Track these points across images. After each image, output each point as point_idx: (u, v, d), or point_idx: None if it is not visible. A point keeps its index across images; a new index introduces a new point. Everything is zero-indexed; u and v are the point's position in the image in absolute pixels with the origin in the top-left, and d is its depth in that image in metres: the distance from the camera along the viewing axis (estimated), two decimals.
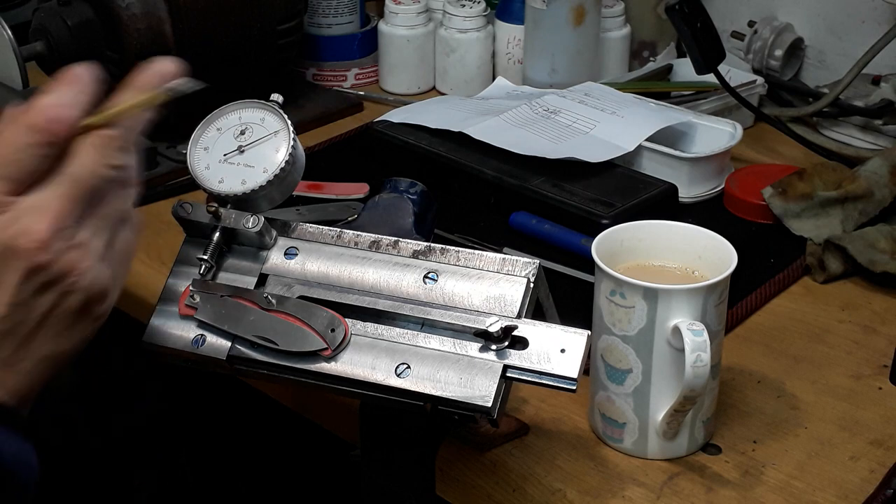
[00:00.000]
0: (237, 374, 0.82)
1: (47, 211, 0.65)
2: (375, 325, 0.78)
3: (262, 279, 0.81)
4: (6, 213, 0.64)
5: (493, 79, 1.47)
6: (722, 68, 1.27)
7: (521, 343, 0.75)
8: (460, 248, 0.80)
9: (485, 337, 0.75)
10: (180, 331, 0.80)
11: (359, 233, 0.82)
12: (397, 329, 0.78)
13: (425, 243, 0.81)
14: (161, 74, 0.77)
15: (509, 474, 0.86)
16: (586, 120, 1.25)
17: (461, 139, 1.24)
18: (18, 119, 0.66)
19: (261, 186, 0.79)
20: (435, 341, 0.76)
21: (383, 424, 0.82)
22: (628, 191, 1.15)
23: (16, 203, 0.64)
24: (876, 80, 1.33)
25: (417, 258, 0.80)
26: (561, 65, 1.40)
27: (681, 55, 1.46)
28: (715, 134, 1.26)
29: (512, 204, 1.16)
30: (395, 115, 1.31)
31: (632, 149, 1.21)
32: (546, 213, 1.14)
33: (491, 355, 0.75)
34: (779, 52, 1.43)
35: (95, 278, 0.67)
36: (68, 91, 0.69)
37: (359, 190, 1.21)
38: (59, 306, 0.67)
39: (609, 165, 1.20)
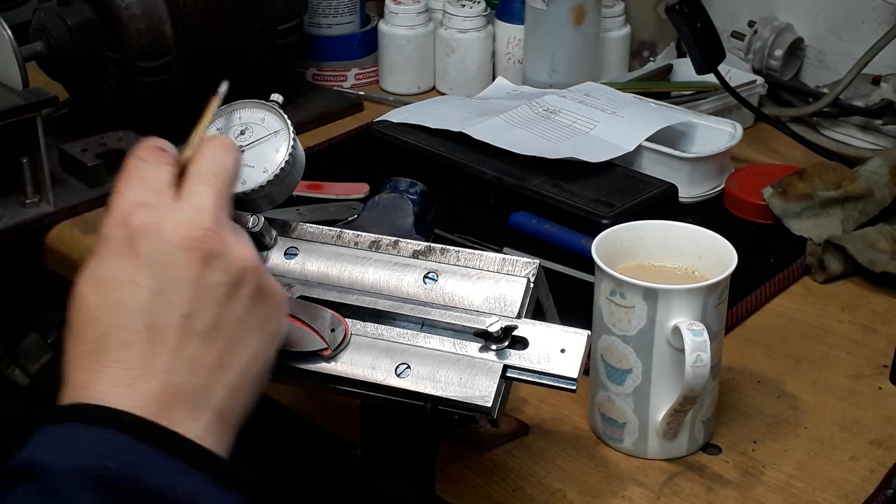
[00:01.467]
0: None
1: (202, 204, 0.67)
2: (375, 325, 0.78)
3: None
4: (157, 209, 0.66)
5: (493, 79, 1.47)
6: (722, 68, 1.27)
7: (521, 343, 0.75)
8: (460, 248, 0.80)
9: (485, 337, 0.75)
10: None
11: (359, 233, 0.82)
12: (397, 329, 0.78)
13: (425, 243, 0.81)
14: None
15: (509, 474, 0.86)
16: (586, 120, 1.25)
17: (461, 139, 1.24)
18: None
19: (261, 186, 0.79)
20: (435, 341, 0.76)
21: (383, 424, 0.82)
22: (628, 191, 1.15)
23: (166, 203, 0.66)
24: (876, 80, 1.33)
25: (417, 258, 0.80)
26: (561, 65, 1.40)
27: (681, 55, 1.46)
28: (715, 134, 1.26)
29: (512, 204, 1.16)
30: (395, 115, 1.31)
31: (632, 149, 1.21)
32: (546, 213, 1.14)
33: (491, 355, 0.75)
34: (779, 52, 1.43)
35: (262, 267, 0.68)
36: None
37: (359, 190, 1.21)
38: (241, 296, 0.66)
39: (609, 165, 1.20)
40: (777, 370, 0.97)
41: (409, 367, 0.76)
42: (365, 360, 0.76)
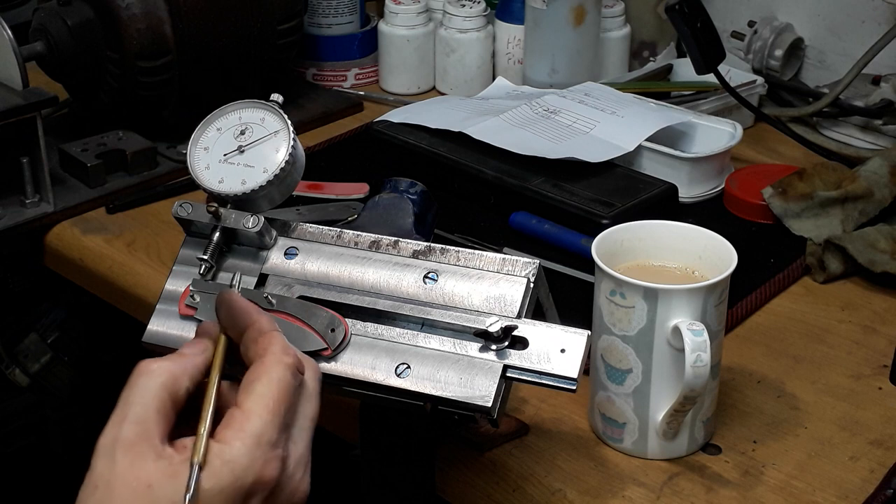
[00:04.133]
0: (237, 374, 0.82)
1: (306, 460, 0.67)
2: (375, 325, 0.78)
3: (262, 279, 0.81)
4: (287, 470, 0.65)
5: (493, 79, 1.47)
6: (722, 68, 1.27)
7: (521, 343, 0.75)
8: (460, 248, 0.80)
9: (485, 337, 0.75)
10: (180, 331, 0.80)
11: (359, 233, 0.82)
12: (397, 329, 0.78)
13: (425, 243, 0.81)
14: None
15: (509, 474, 0.86)
16: (586, 120, 1.25)
17: (461, 139, 1.24)
18: (276, 356, 0.66)
19: (261, 186, 0.79)
20: (435, 341, 0.76)
21: (383, 424, 0.82)
22: (628, 191, 1.15)
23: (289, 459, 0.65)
24: (876, 80, 1.33)
25: (417, 258, 0.80)
26: (561, 65, 1.40)
27: (681, 55, 1.46)
28: (715, 134, 1.26)
29: (512, 204, 1.16)
30: (395, 115, 1.31)
31: (632, 149, 1.21)
32: (546, 213, 1.14)
33: (491, 355, 0.75)
34: (779, 52, 1.43)
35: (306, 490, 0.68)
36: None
37: (359, 190, 1.21)
38: None
39: (609, 165, 1.20)
40: (777, 370, 0.97)
41: (409, 367, 0.76)
42: (365, 360, 0.76)
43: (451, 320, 0.76)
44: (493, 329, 0.74)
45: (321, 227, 0.83)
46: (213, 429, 0.64)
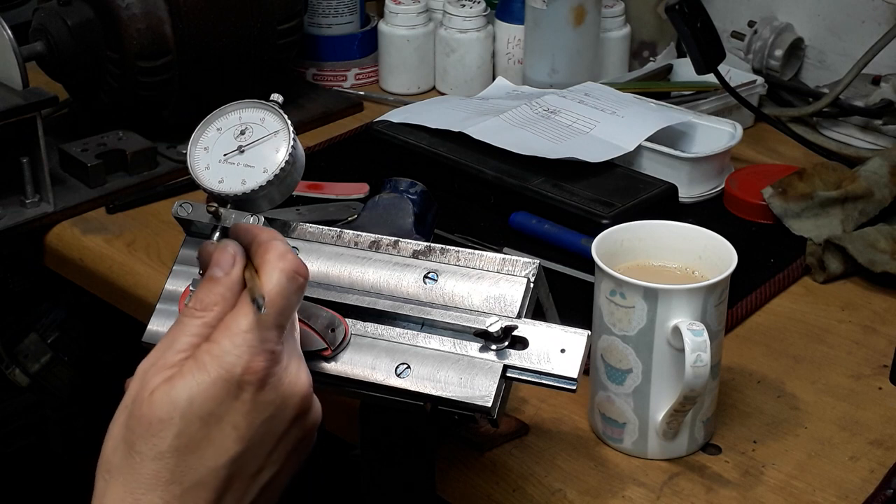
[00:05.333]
0: None
1: (302, 362, 0.70)
2: (375, 325, 0.78)
3: None
4: (281, 363, 0.68)
5: (493, 79, 1.47)
6: (722, 68, 1.27)
7: (521, 343, 0.75)
8: (460, 248, 0.80)
9: (485, 337, 0.75)
10: None
11: (359, 233, 0.82)
12: (397, 329, 0.78)
13: (425, 243, 0.81)
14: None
15: (509, 474, 0.86)
16: (586, 120, 1.25)
17: (461, 139, 1.24)
18: (271, 264, 0.69)
19: (261, 186, 0.79)
20: (435, 341, 0.76)
21: (383, 424, 0.82)
22: (628, 191, 1.15)
23: (282, 354, 0.68)
24: (876, 80, 1.33)
25: (417, 258, 0.80)
26: (561, 65, 1.40)
27: (681, 55, 1.46)
28: (715, 134, 1.26)
29: (512, 204, 1.16)
30: (395, 115, 1.31)
31: (632, 149, 1.21)
32: (546, 213, 1.14)
33: (491, 355, 0.75)
34: (779, 52, 1.43)
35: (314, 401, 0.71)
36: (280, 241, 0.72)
37: (359, 190, 1.21)
38: (299, 441, 0.71)
39: (609, 165, 1.20)
40: (777, 370, 0.97)
41: (409, 367, 0.76)
42: (365, 360, 0.76)
43: (451, 320, 0.76)
44: (493, 329, 0.74)
45: (321, 227, 0.83)
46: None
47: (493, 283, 0.78)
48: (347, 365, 0.77)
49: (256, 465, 0.67)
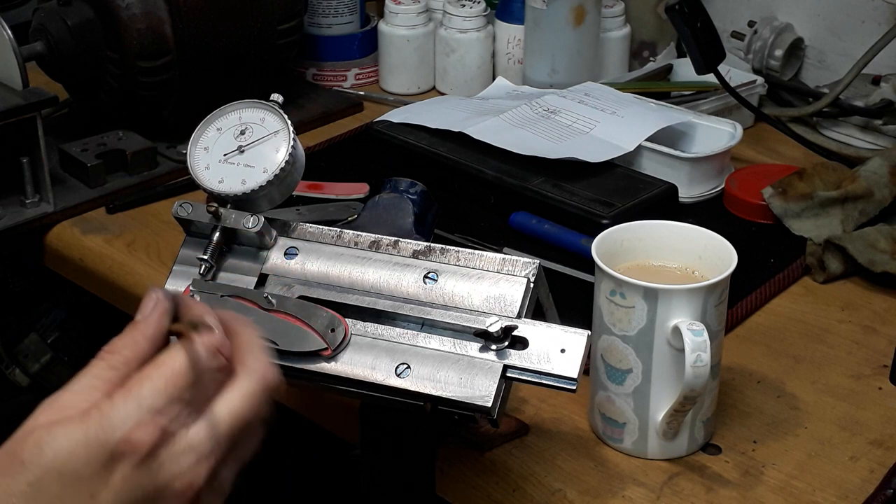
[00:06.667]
0: None
1: (205, 452, 0.61)
2: (375, 325, 0.78)
3: (262, 279, 0.81)
4: (171, 447, 0.60)
5: (493, 79, 1.47)
6: (722, 68, 1.27)
7: (521, 343, 0.75)
8: (460, 248, 0.80)
9: (485, 337, 0.75)
10: None
11: (359, 233, 0.82)
12: (397, 329, 0.78)
13: (425, 243, 0.81)
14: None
15: (509, 474, 0.86)
16: (586, 120, 1.25)
17: (461, 139, 1.24)
18: (191, 337, 0.62)
19: (261, 186, 0.79)
20: (435, 341, 0.76)
21: (383, 424, 0.82)
22: (628, 191, 1.15)
23: (179, 438, 0.60)
24: (876, 80, 1.33)
25: (417, 258, 0.80)
26: (561, 65, 1.40)
27: (681, 55, 1.46)
28: (715, 134, 1.26)
29: (512, 204, 1.16)
30: (395, 115, 1.31)
31: (632, 149, 1.21)
32: (546, 213, 1.14)
33: (491, 355, 0.75)
34: (779, 52, 1.43)
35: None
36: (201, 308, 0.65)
37: (359, 190, 1.21)
38: None
39: (609, 165, 1.19)
40: (777, 370, 0.97)
41: (409, 367, 0.76)
42: (365, 360, 0.76)
43: (451, 320, 0.76)
44: (493, 329, 0.74)
45: (321, 227, 0.83)
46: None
47: (493, 283, 0.78)
48: (347, 365, 0.77)
49: None
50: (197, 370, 0.61)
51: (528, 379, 0.75)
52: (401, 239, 0.81)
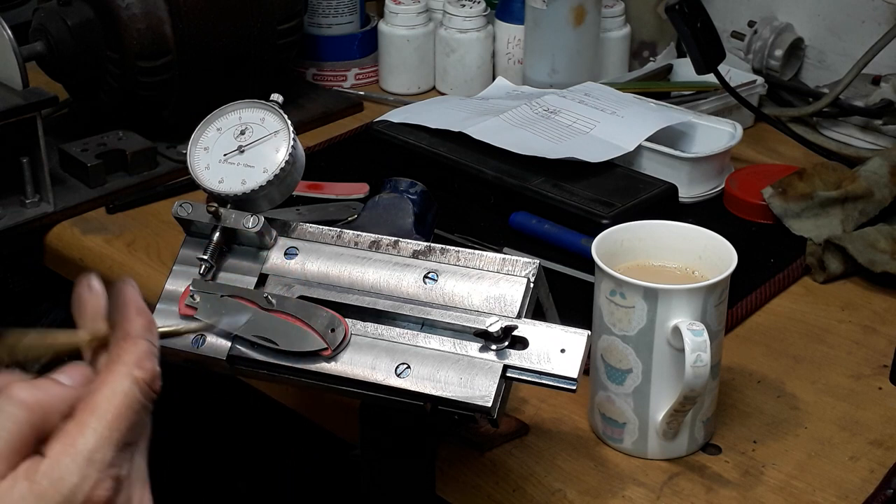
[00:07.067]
0: (237, 375, 0.82)
1: (147, 489, 0.58)
2: (375, 325, 0.78)
3: (262, 279, 0.81)
4: (124, 492, 0.57)
5: (493, 79, 1.47)
6: (722, 68, 1.27)
7: (521, 343, 0.75)
8: (460, 248, 0.80)
9: (485, 337, 0.75)
10: None
11: (359, 233, 0.82)
12: (397, 329, 0.78)
13: (425, 243, 0.81)
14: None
15: (509, 474, 0.86)
16: (586, 120, 1.25)
17: (461, 139, 1.24)
18: (126, 367, 0.58)
19: (261, 186, 0.79)
20: (435, 341, 0.76)
21: (383, 424, 0.82)
22: (628, 191, 1.15)
23: (128, 481, 0.57)
24: (876, 80, 1.33)
25: (417, 258, 0.80)
26: (561, 65, 1.40)
27: (681, 55, 1.46)
28: (715, 134, 1.26)
29: (512, 204, 1.16)
30: (395, 115, 1.31)
31: (632, 149, 1.21)
32: (546, 213, 1.14)
33: (491, 355, 0.75)
34: (779, 52, 1.43)
35: None
36: (141, 323, 0.61)
37: (359, 190, 1.21)
38: None
39: (609, 165, 1.20)
40: (777, 370, 0.97)
41: (409, 367, 0.76)
42: (365, 360, 0.76)
43: (451, 320, 0.76)
44: (493, 329, 0.74)
45: (321, 227, 0.83)
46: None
47: (493, 283, 0.78)
48: (347, 365, 0.77)
49: None
50: (136, 409, 0.58)
51: (528, 379, 0.75)
52: (401, 239, 0.81)
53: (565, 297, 0.90)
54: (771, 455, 0.87)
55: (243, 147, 0.81)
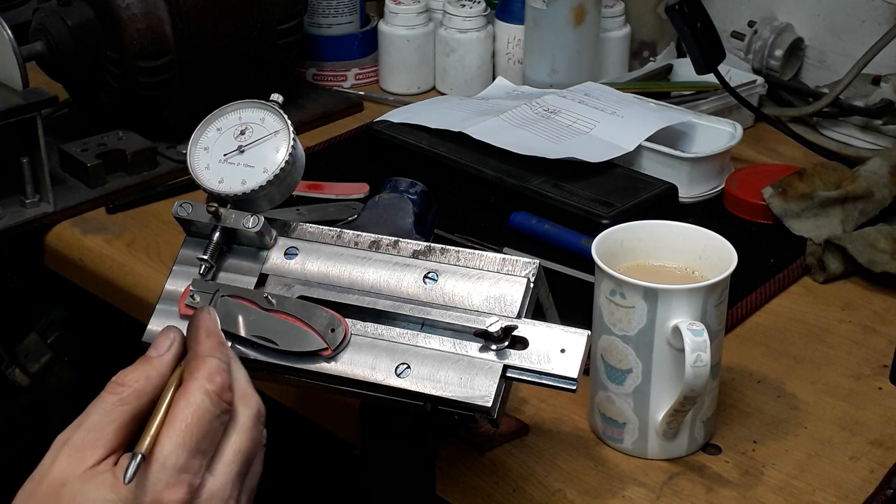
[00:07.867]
0: None
1: (227, 495, 0.65)
2: (375, 325, 0.78)
3: (262, 279, 0.81)
4: (199, 498, 0.63)
5: (493, 79, 1.47)
6: (722, 68, 1.27)
7: (521, 343, 0.75)
8: (460, 248, 0.80)
9: (485, 337, 0.75)
10: None
11: (359, 233, 0.82)
12: (397, 329, 0.78)
13: (425, 243, 0.81)
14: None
15: (509, 474, 0.86)
16: (586, 120, 1.25)
17: (461, 139, 1.24)
18: (197, 382, 0.65)
19: (261, 186, 0.79)
20: (435, 341, 0.76)
21: (383, 424, 0.82)
22: (628, 191, 1.15)
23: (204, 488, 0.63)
24: (876, 80, 1.33)
25: (417, 258, 0.80)
26: (561, 65, 1.40)
27: (681, 55, 1.46)
28: (715, 134, 1.26)
29: (512, 204, 1.16)
30: (395, 115, 1.31)
31: (632, 149, 1.21)
32: (546, 213, 1.14)
33: (491, 355, 0.75)
34: (779, 52, 1.43)
35: None
36: (217, 352, 0.68)
37: (359, 190, 1.21)
38: None
39: (609, 165, 1.20)
40: (777, 370, 0.97)
41: (409, 367, 0.76)
42: (365, 360, 0.76)
43: (451, 320, 0.76)
44: (493, 329, 0.74)
45: (321, 227, 0.83)
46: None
47: (493, 283, 0.78)
48: (347, 365, 0.77)
49: None
50: (208, 419, 0.64)
51: (528, 379, 0.75)
52: (401, 239, 0.81)
53: (565, 297, 0.90)
54: (771, 455, 0.87)
55: (243, 147, 0.81)
